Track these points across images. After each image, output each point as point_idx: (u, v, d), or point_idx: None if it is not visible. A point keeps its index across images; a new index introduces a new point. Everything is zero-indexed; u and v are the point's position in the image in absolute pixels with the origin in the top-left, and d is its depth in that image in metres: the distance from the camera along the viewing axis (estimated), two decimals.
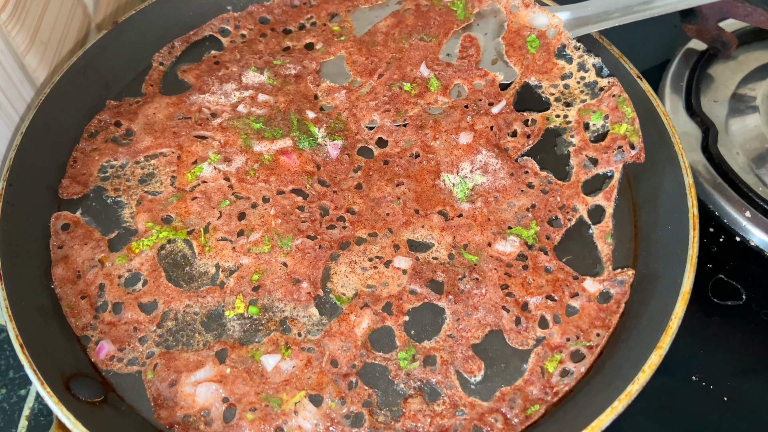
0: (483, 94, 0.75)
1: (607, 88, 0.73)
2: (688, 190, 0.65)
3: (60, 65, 0.76)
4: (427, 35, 0.80)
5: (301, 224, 0.67)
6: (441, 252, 0.66)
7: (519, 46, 0.77)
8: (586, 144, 0.71)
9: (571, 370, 0.60)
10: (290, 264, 0.64)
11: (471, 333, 0.61)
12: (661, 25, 0.80)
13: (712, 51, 0.88)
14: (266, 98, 0.76)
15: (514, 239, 0.66)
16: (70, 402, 0.55)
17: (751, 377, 0.70)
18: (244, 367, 0.59)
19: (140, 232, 0.67)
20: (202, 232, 0.66)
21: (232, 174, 0.70)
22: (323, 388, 0.58)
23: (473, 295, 0.63)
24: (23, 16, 0.68)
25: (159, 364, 0.60)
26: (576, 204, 0.68)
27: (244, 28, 0.84)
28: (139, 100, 0.77)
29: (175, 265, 0.65)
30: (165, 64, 0.81)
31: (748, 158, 0.81)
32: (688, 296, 0.58)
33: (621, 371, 0.57)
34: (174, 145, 0.72)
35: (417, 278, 0.64)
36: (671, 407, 0.67)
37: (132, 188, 0.70)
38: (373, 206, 0.68)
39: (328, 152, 0.72)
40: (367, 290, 0.64)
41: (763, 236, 0.75)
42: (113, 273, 0.64)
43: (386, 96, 0.76)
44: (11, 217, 0.64)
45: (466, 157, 0.70)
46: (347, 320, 0.62)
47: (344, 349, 0.60)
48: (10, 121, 0.71)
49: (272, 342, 0.61)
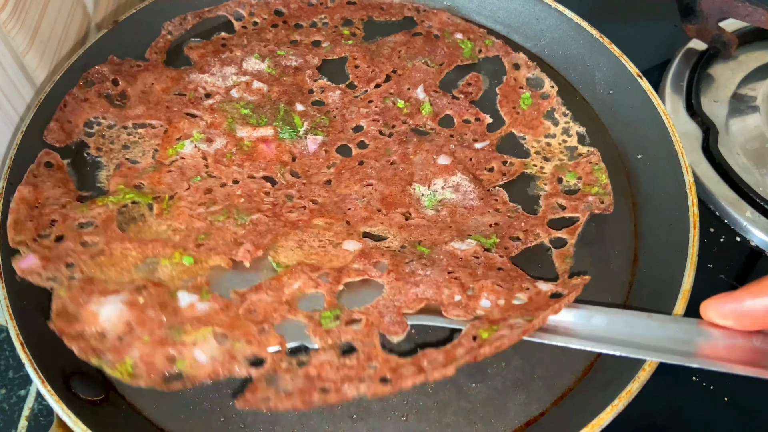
0: (470, 130, 0.76)
1: (586, 155, 0.73)
2: (689, 189, 0.65)
3: (60, 65, 0.76)
4: (431, 61, 0.81)
5: (263, 206, 0.67)
6: (394, 243, 0.65)
7: (512, 100, 0.79)
8: (558, 193, 0.71)
9: (505, 334, 0.54)
10: (240, 233, 0.64)
11: (405, 304, 0.59)
12: (661, 25, 0.81)
13: (712, 51, 0.88)
14: (260, 86, 0.77)
15: (472, 242, 0.65)
16: (70, 400, 0.55)
17: (751, 377, 0.70)
18: (159, 300, 0.58)
19: (110, 193, 0.67)
20: (166, 198, 0.67)
21: (210, 154, 0.70)
22: (233, 329, 0.56)
23: (417, 275, 0.61)
24: (23, 16, 0.68)
25: (74, 285, 0.58)
26: (539, 231, 0.67)
27: (258, 16, 0.85)
28: (141, 65, 0.78)
29: (129, 220, 0.65)
30: (173, 35, 0.82)
31: (748, 158, 0.81)
32: (688, 295, 0.58)
33: (621, 369, 0.57)
34: (164, 118, 0.73)
35: (363, 258, 0.62)
36: (671, 407, 0.67)
37: (114, 152, 0.71)
38: (337, 201, 0.68)
39: (307, 146, 0.72)
40: (310, 263, 0.62)
41: (763, 236, 0.75)
42: (69, 215, 0.64)
43: (378, 107, 0.76)
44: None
45: (441, 175, 0.70)
46: (279, 280, 0.60)
47: (266, 302, 0.59)
48: (9, 121, 0.71)
49: (196, 287, 0.59)
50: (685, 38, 0.89)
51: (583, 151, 0.74)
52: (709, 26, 0.83)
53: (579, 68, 0.80)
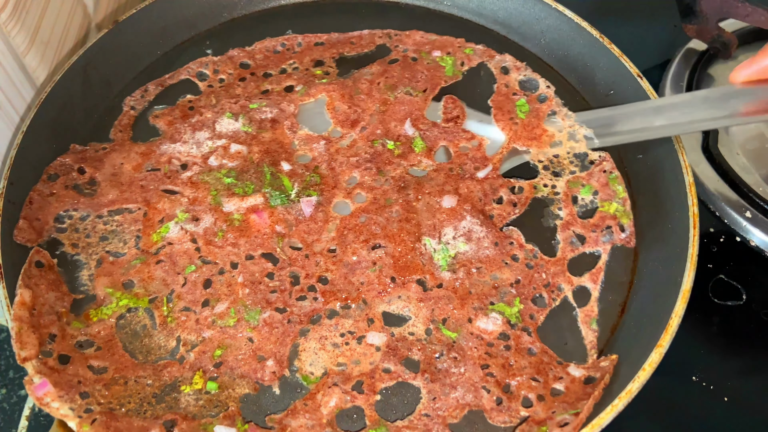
0: (468, 158, 0.72)
1: (598, 163, 0.71)
2: (689, 188, 0.65)
3: (60, 65, 0.76)
4: (413, 89, 0.77)
5: (270, 294, 0.62)
6: (418, 327, 0.61)
7: (508, 110, 0.74)
8: (574, 219, 0.68)
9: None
10: (256, 339, 0.60)
11: (448, 412, 0.57)
12: (661, 25, 0.81)
13: (712, 51, 0.88)
14: (239, 148, 0.71)
15: (497, 317, 0.62)
16: None
17: (751, 377, 0.70)
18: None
19: (99, 299, 0.62)
20: (165, 300, 0.62)
21: (200, 235, 0.65)
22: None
23: (451, 374, 0.58)
24: (23, 16, 0.68)
25: (98, 421, 0.54)
26: (561, 283, 0.64)
27: (223, 72, 0.79)
28: (107, 147, 0.72)
29: (133, 335, 0.61)
30: (137, 109, 0.76)
31: (748, 158, 0.81)
32: (688, 294, 0.58)
33: (621, 369, 0.58)
34: (141, 200, 0.67)
35: (391, 356, 0.59)
36: (671, 407, 0.67)
37: (92, 246, 0.65)
38: (346, 273, 0.64)
39: (302, 210, 0.68)
40: (337, 368, 0.59)
41: (763, 236, 0.75)
42: (67, 331, 0.59)
43: (368, 153, 0.72)
44: (12, 216, 0.64)
45: (450, 222, 0.67)
46: (313, 399, 0.57)
47: (307, 426, 0.56)
48: (10, 120, 0.71)
49: (228, 417, 0.57)
50: (685, 38, 0.88)
51: (594, 157, 0.71)
52: (709, 26, 0.83)
53: (579, 68, 0.80)
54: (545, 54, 0.83)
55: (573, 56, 0.81)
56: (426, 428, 0.56)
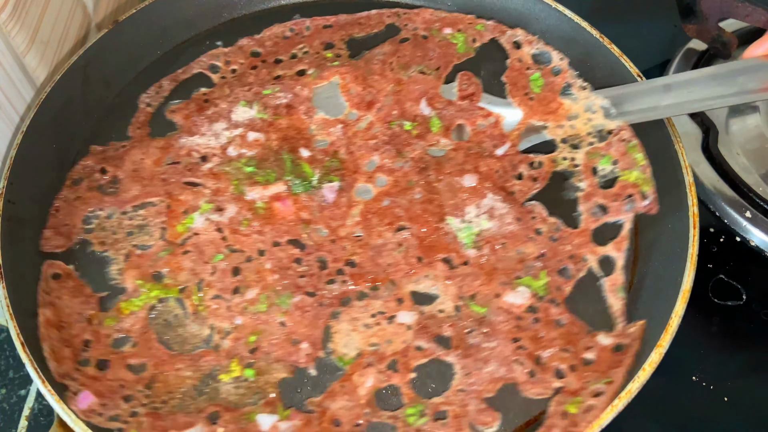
0: (486, 135, 0.72)
1: (616, 132, 0.70)
2: (689, 188, 0.65)
3: (60, 65, 0.76)
4: (427, 68, 0.77)
5: (299, 279, 0.64)
6: (447, 304, 0.62)
7: (522, 86, 0.75)
8: (595, 190, 0.69)
9: (594, 405, 0.56)
10: (289, 324, 0.61)
11: (483, 387, 0.58)
12: (661, 25, 0.81)
13: (712, 51, 0.88)
14: (257, 136, 0.72)
15: (524, 290, 0.63)
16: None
17: (752, 377, 0.70)
18: (239, 426, 0.56)
19: (129, 291, 0.63)
20: (195, 290, 0.63)
21: (225, 225, 0.66)
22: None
23: (483, 348, 0.60)
24: (23, 16, 0.68)
25: (145, 423, 0.55)
26: (586, 254, 0.65)
27: (234, 63, 0.80)
28: (126, 145, 0.73)
29: (166, 326, 0.62)
30: (153, 105, 0.77)
31: (748, 158, 0.81)
32: (688, 294, 0.58)
33: None
34: (163, 193, 0.68)
35: (423, 334, 0.60)
36: (671, 407, 0.67)
37: (119, 242, 0.66)
38: (373, 255, 0.65)
39: (324, 196, 0.68)
40: (371, 349, 0.60)
41: (763, 236, 0.75)
42: (101, 332, 0.61)
43: (386, 135, 0.72)
44: (12, 215, 0.64)
45: (472, 201, 0.67)
46: (350, 380, 0.59)
47: (347, 408, 0.57)
48: (10, 120, 0.71)
49: (269, 404, 0.57)
50: (685, 38, 0.88)
51: (612, 127, 0.71)
52: (709, 26, 0.83)
53: (579, 68, 0.80)
54: None
55: (573, 56, 0.81)
56: (462, 403, 0.57)
